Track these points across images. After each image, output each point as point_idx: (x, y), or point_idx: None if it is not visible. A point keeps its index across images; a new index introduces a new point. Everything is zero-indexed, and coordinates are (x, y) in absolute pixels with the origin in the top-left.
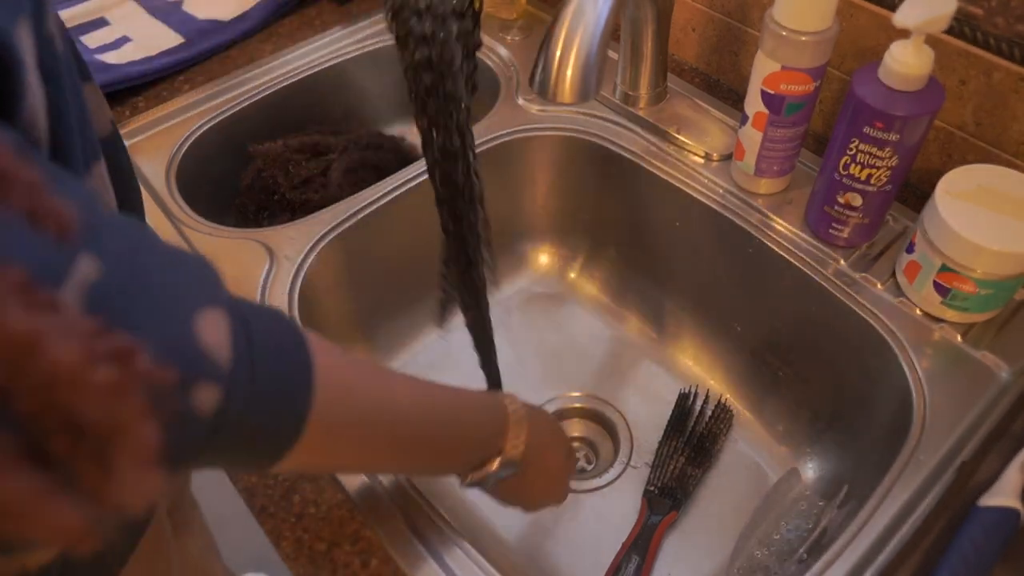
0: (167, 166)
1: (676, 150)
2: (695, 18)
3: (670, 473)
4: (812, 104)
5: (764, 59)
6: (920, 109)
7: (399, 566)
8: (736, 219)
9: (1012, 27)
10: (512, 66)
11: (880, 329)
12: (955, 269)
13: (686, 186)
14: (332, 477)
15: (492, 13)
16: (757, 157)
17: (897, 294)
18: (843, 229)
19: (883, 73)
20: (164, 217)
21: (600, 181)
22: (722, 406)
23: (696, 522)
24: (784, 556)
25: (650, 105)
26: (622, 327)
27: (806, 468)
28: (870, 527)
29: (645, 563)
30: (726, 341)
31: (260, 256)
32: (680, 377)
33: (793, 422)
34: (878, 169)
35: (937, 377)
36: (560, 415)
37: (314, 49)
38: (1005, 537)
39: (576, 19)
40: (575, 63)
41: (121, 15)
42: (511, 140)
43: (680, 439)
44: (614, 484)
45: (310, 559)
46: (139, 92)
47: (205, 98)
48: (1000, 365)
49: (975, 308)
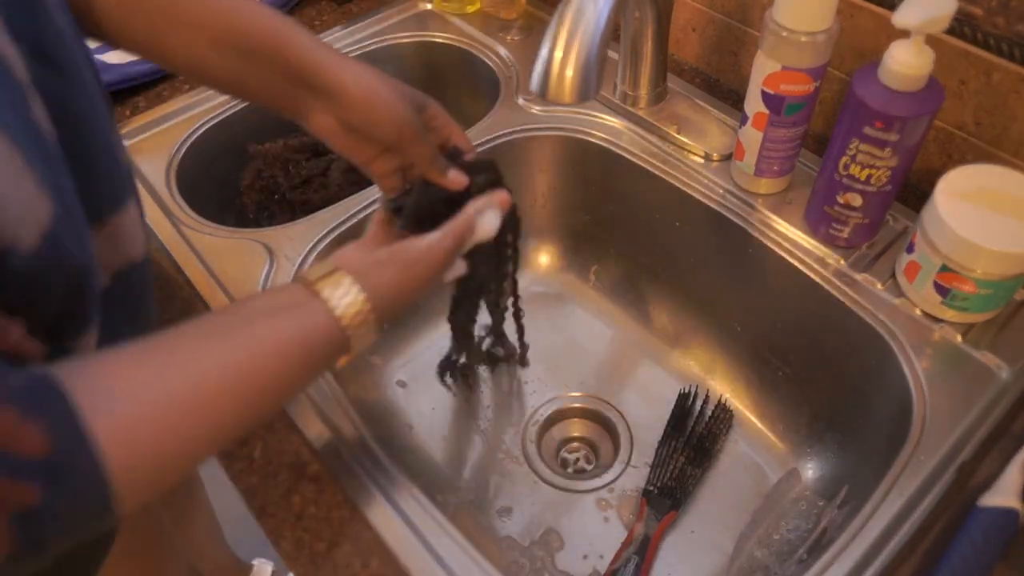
0: (167, 166)
1: (676, 150)
2: (695, 18)
3: (670, 473)
4: (812, 104)
5: (764, 59)
6: (920, 109)
7: (400, 566)
8: (736, 219)
9: (1012, 27)
10: (512, 66)
11: (880, 329)
12: (955, 269)
13: (686, 186)
14: (333, 477)
15: (492, 13)
16: (757, 157)
17: (897, 294)
18: (843, 229)
19: (883, 73)
20: (164, 217)
21: (600, 181)
22: (722, 406)
23: (696, 522)
24: (784, 556)
25: (650, 105)
26: (622, 327)
27: (806, 468)
28: (870, 527)
29: (644, 563)
30: (726, 341)
31: (260, 256)
32: (680, 377)
33: (793, 422)
34: (878, 169)
35: (937, 377)
36: (560, 415)
37: None
38: (1005, 537)
39: (576, 19)
40: (575, 63)
41: None
42: (511, 140)
43: (680, 439)
44: (614, 484)
45: (310, 559)
46: (139, 92)
47: (205, 98)
48: (1000, 365)
49: (975, 308)
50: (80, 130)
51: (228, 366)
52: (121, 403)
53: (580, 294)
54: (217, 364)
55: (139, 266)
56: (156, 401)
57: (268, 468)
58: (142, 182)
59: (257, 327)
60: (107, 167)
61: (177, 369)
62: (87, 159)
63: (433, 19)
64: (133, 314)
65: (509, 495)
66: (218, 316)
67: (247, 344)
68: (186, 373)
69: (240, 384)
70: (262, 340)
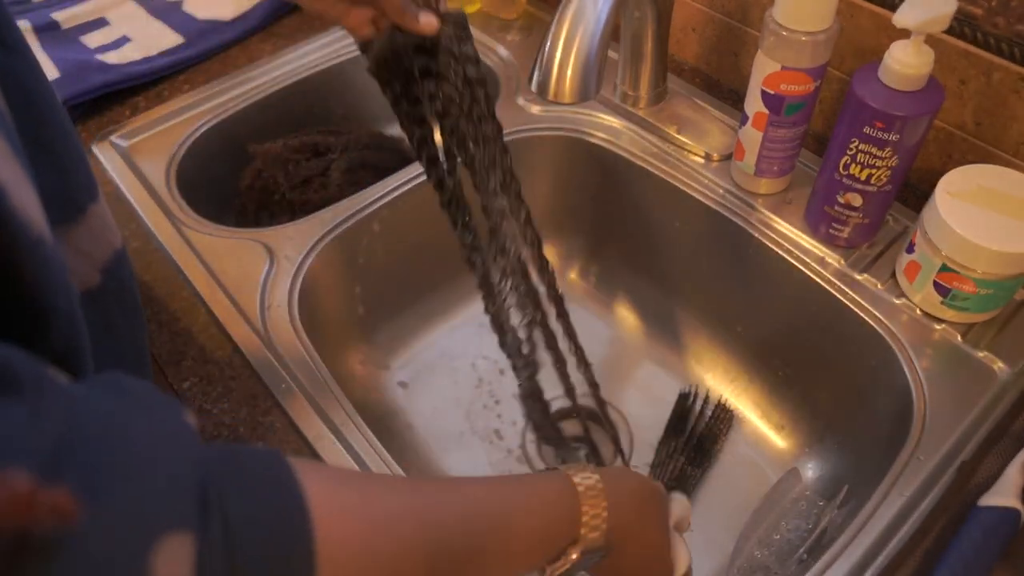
0: (167, 166)
1: (676, 150)
2: (695, 18)
3: (670, 473)
4: (812, 104)
5: (764, 59)
6: (920, 109)
7: None
8: (736, 219)
9: (1012, 27)
10: (512, 66)
11: (880, 329)
12: (955, 269)
13: (686, 186)
14: None
15: (492, 13)
16: (757, 157)
17: (897, 294)
18: (843, 229)
19: (883, 73)
20: (164, 217)
21: (600, 181)
22: (722, 406)
23: (696, 522)
24: (784, 556)
25: (650, 105)
26: (622, 327)
27: (806, 468)
28: (870, 527)
29: None
30: (726, 341)
31: (260, 256)
32: (680, 377)
33: (793, 422)
34: (878, 169)
35: (937, 377)
36: (560, 415)
37: (314, 49)
38: (1005, 537)
39: (576, 19)
40: (575, 63)
41: (121, 15)
42: (511, 140)
43: (680, 439)
44: None
45: None
46: (139, 92)
47: (205, 98)
48: (1000, 365)
49: (975, 308)
50: (46, 116)
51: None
52: (352, 501)
53: (580, 294)
54: (444, 510)
55: (121, 253)
56: (374, 524)
57: None
58: (142, 182)
59: (493, 488)
60: (77, 153)
61: (405, 504)
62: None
63: None
64: (126, 308)
65: None
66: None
67: (470, 500)
68: (410, 508)
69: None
70: (497, 497)
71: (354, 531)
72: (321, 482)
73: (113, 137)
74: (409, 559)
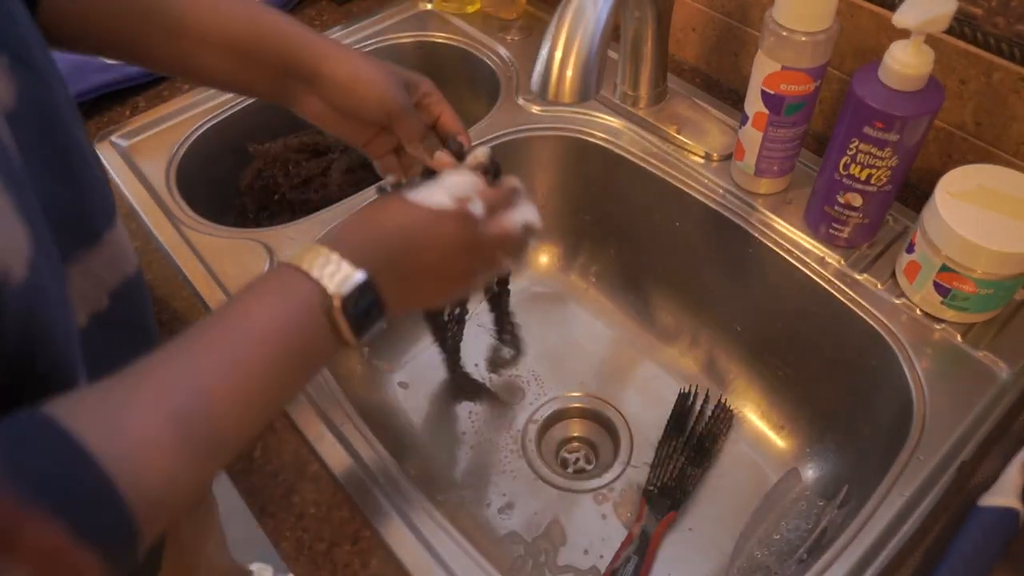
0: (167, 166)
1: (676, 150)
2: (695, 18)
3: (670, 473)
4: (812, 104)
5: (764, 59)
6: (920, 109)
7: (400, 565)
8: (736, 219)
9: (1012, 27)
10: (512, 66)
11: (880, 329)
12: (955, 269)
13: (686, 186)
14: (333, 478)
15: (492, 13)
16: (757, 157)
17: (897, 294)
18: (843, 229)
19: (883, 73)
20: (164, 217)
21: (600, 181)
22: (722, 406)
23: (696, 522)
24: (784, 556)
25: (650, 105)
26: (622, 327)
27: (806, 468)
28: (870, 527)
29: (644, 563)
30: (726, 341)
31: (260, 256)
32: (680, 377)
33: (793, 422)
34: (878, 169)
35: (937, 377)
36: (560, 415)
37: None
38: (1005, 537)
39: (576, 19)
40: (575, 63)
41: None
42: (511, 140)
43: (680, 439)
44: (614, 484)
45: (310, 559)
46: (139, 92)
47: (205, 98)
48: (1000, 365)
49: (975, 308)
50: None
51: (225, 363)
52: (130, 432)
53: (580, 294)
54: (213, 364)
55: (133, 280)
56: (161, 423)
57: (268, 468)
58: (142, 182)
59: (249, 317)
60: (96, 179)
61: (175, 380)
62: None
63: (433, 19)
64: (134, 336)
65: (509, 495)
66: (209, 319)
67: (241, 336)
68: (185, 383)
69: (243, 380)
70: (253, 328)
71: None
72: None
73: (113, 137)
74: (212, 446)
